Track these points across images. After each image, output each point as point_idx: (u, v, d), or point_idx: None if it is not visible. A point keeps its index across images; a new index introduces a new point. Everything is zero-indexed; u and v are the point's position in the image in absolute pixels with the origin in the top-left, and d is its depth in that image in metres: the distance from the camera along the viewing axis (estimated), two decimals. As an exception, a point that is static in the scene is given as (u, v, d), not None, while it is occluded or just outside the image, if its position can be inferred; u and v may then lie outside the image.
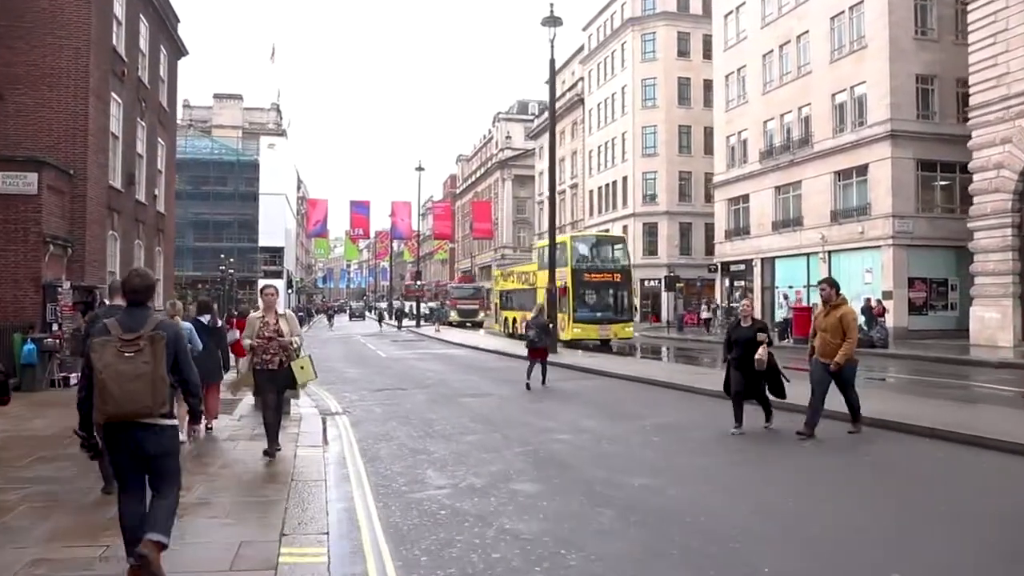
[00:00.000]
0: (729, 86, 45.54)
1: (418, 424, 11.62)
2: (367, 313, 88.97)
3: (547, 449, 9.53)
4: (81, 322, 16.90)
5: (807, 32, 37.78)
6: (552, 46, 26.34)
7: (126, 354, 4.42)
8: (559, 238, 30.91)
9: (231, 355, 12.67)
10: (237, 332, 23.85)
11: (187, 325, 9.00)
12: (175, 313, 10.38)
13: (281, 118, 74.16)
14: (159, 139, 26.32)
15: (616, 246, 33.46)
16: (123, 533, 4.66)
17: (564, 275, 29.03)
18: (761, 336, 10.31)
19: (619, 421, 11.85)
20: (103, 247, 20.15)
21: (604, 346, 29.85)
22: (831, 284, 10.41)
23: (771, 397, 10.56)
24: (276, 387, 8.75)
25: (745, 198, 43.32)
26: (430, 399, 14.65)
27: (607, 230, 60.78)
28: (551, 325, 21.29)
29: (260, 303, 9.06)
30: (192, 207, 57.79)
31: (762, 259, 41.37)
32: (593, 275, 30.72)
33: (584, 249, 32.53)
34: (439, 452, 9.43)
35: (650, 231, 56.65)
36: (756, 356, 10.09)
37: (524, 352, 26.55)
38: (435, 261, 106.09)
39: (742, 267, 43.70)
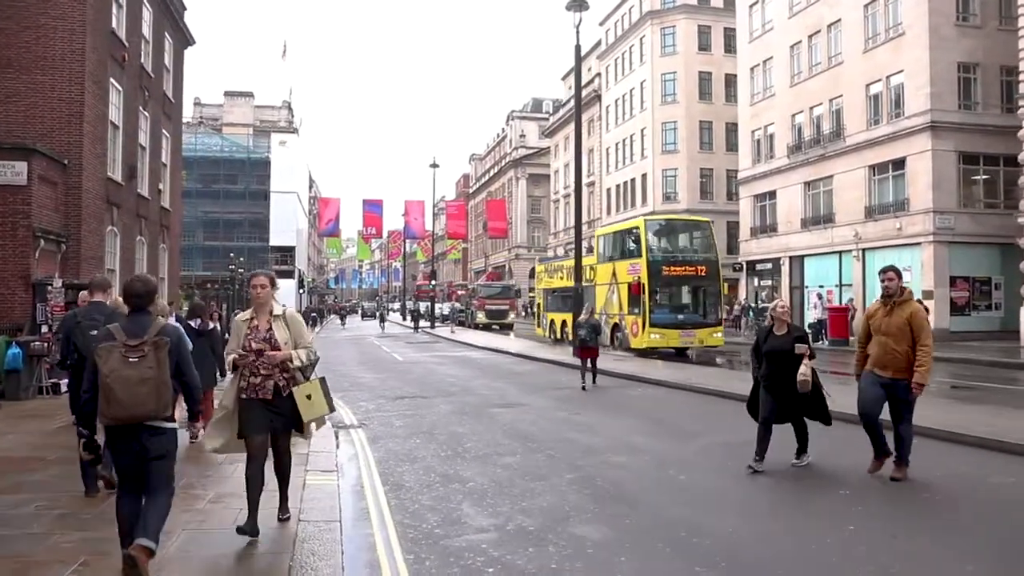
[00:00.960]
0: (754, 79, 43.95)
1: (446, 441, 10.20)
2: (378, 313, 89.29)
3: (604, 476, 8.06)
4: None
5: (838, 21, 36.18)
6: (578, 32, 24.88)
7: (131, 359, 4.51)
8: (627, 223, 29.20)
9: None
10: None
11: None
12: (159, 313, 9.07)
13: (293, 116, 72.92)
14: (163, 131, 25.02)
15: (699, 232, 27.63)
16: (120, 527, 4.73)
17: (637, 269, 24.90)
18: (801, 348, 7.95)
19: (678, 439, 10.36)
20: (101, 243, 18.83)
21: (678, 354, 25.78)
22: (898, 274, 7.92)
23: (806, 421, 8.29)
24: (270, 426, 5.87)
25: (772, 194, 41.72)
26: (456, 410, 13.22)
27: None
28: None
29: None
30: (202, 205, 56.69)
31: (790, 257, 39.75)
32: (674, 268, 25.28)
33: (661, 236, 27.19)
34: (475, 478, 8.00)
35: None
36: (799, 376, 7.78)
37: (548, 355, 25.98)
38: (448, 261, 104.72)
39: (768, 266, 42.10)
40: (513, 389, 16.35)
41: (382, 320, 54.97)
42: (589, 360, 16.67)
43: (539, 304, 36.95)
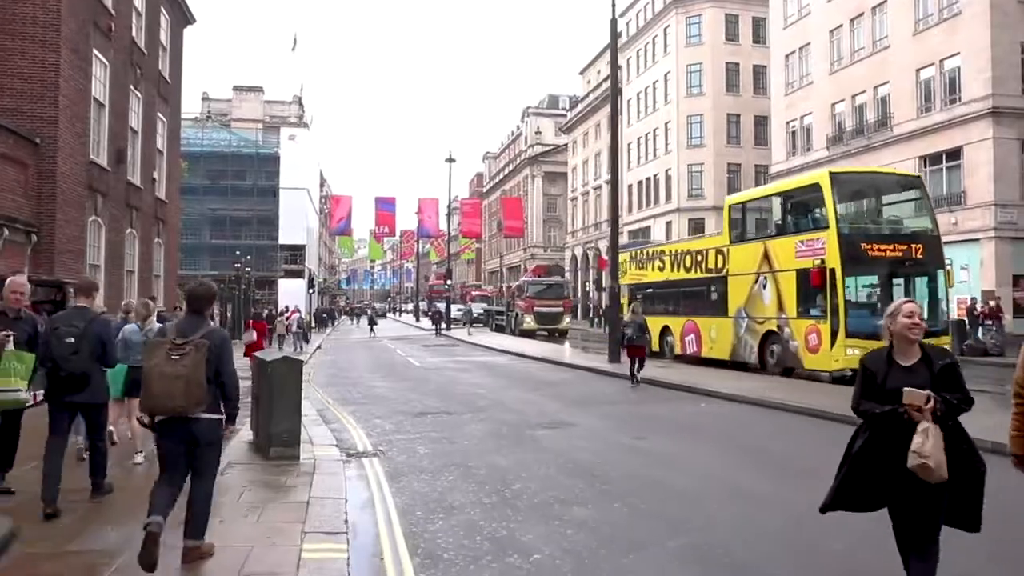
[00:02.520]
0: (790, 67, 41.56)
1: (487, 479, 7.91)
2: (388, 314, 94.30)
3: (725, 544, 5.70)
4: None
5: (884, 2, 33.80)
6: None
7: (173, 356, 4.85)
8: (794, 180, 22.47)
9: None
10: (254, 333, 20.51)
11: (159, 326, 7.10)
12: (129, 310, 9.13)
13: (303, 111, 70.80)
14: (159, 114, 22.84)
15: (912, 192, 18.81)
16: (151, 502, 4.86)
17: (817, 248, 16.58)
18: (918, 399, 3.89)
19: (794, 479, 7.92)
20: (81, 234, 16.63)
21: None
22: None
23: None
24: None
25: (809, 189, 39.20)
26: (491, 431, 10.92)
27: (647, 227, 57.19)
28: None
29: None
30: (209, 202, 54.60)
31: (830, 256, 37.25)
32: (879, 246, 16.66)
33: (857, 198, 19.18)
34: (539, 545, 5.69)
35: (696, 227, 52.60)
36: (912, 452, 3.86)
37: (580, 361, 23.40)
38: (461, 261, 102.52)
39: (806, 265, 39.58)
40: (552, 403, 14.02)
41: (372, 323, 49.34)
42: (637, 360, 16.68)
43: (625, 303, 23.99)
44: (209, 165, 54.78)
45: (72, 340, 6.31)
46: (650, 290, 25.27)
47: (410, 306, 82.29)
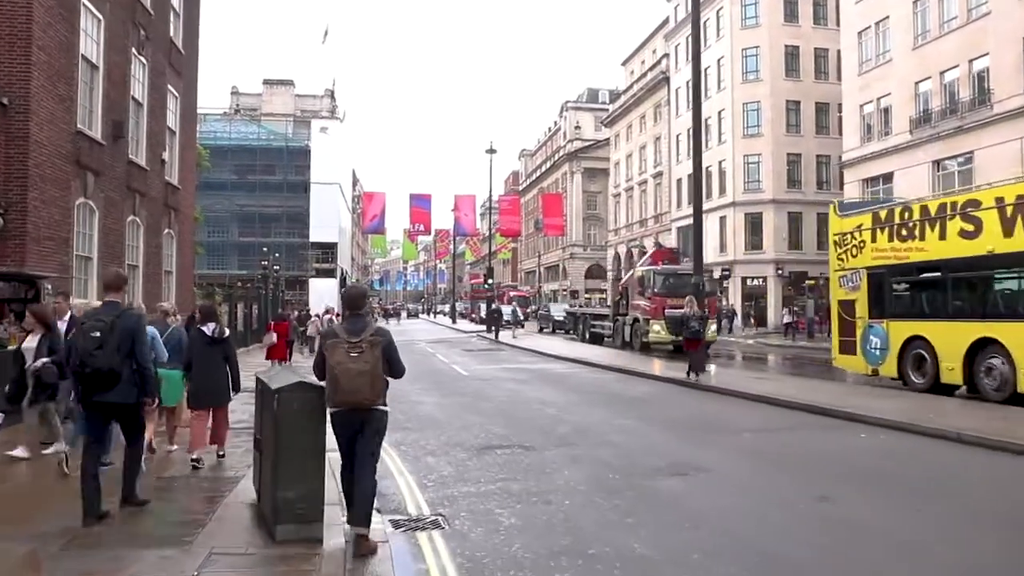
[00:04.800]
0: (863, 44, 37.88)
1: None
2: (422, 315, 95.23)
3: None
4: (9, 330, 10.62)
5: (981, -35, 30.09)
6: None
7: (352, 354, 5.32)
8: None
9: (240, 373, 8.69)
10: (275, 336, 17.86)
11: (152, 330, 7.55)
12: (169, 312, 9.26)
13: (335, 105, 68.24)
14: (170, 87, 19.97)
15: None
16: (344, 491, 5.75)
17: None
18: None
19: None
20: (66, 219, 13.72)
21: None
22: None
23: None
24: None
25: (887, 177, 35.62)
26: (594, 479, 7.72)
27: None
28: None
29: None
30: (237, 198, 52.31)
31: (914, 250, 33.56)
32: None
33: None
34: None
35: (753, 222, 49.11)
36: None
37: (653, 370, 19.88)
38: (497, 261, 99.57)
39: (884, 261, 35.89)
40: (656, 431, 10.76)
41: (389, 316, 44.93)
42: (694, 351, 16.66)
43: (859, 301, 16.52)
44: (237, 159, 52.41)
45: (97, 334, 5.85)
46: (924, 275, 15.27)
47: (446, 307, 79.40)
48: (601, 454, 9.01)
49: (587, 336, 33.73)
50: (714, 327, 26.38)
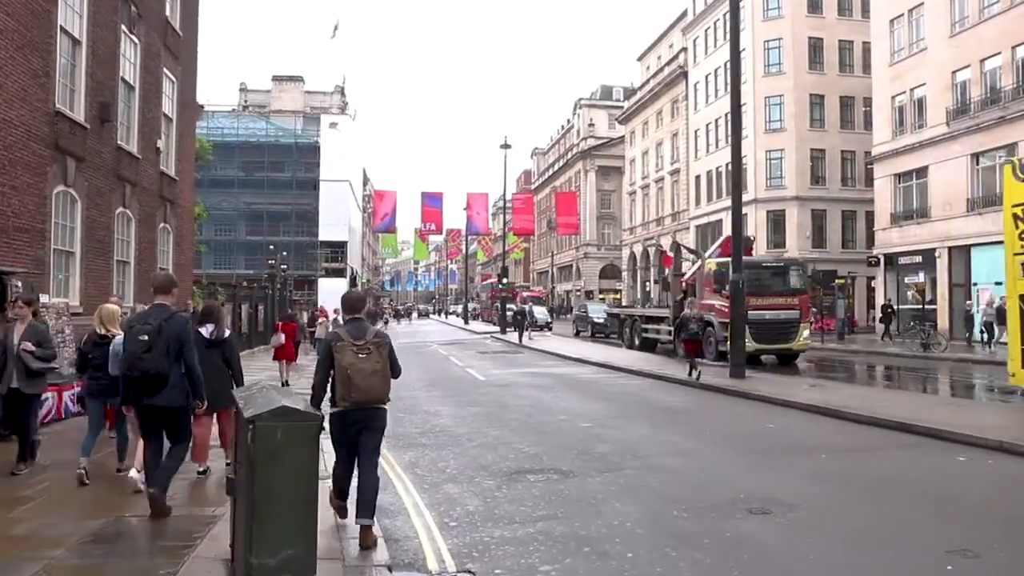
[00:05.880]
0: (895, 33, 36.24)
1: None
2: (432, 315, 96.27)
3: None
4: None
5: (1023, -54, 28.45)
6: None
7: (360, 356, 5.45)
8: None
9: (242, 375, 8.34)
10: (283, 336, 17.00)
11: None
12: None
13: (346, 101, 66.94)
14: (165, 71, 18.57)
15: None
16: (335, 485, 5.88)
17: None
18: None
19: None
20: (41, 208, 12.31)
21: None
22: None
23: None
24: None
25: (921, 171, 34.02)
26: (654, 520, 6.25)
27: (719, 221, 52.00)
28: None
29: None
30: (244, 196, 50.93)
31: (950, 248, 31.98)
32: None
33: None
34: None
35: (775, 220, 47.46)
36: None
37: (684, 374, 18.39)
38: (509, 261, 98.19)
39: (917, 259, 34.33)
40: (716, 452, 9.20)
41: (399, 317, 42.36)
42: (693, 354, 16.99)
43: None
44: (244, 156, 51.10)
45: (145, 338, 5.92)
46: None
47: (459, 307, 78.12)
48: (655, 483, 7.51)
49: (636, 342, 28.27)
50: (807, 332, 22.50)
